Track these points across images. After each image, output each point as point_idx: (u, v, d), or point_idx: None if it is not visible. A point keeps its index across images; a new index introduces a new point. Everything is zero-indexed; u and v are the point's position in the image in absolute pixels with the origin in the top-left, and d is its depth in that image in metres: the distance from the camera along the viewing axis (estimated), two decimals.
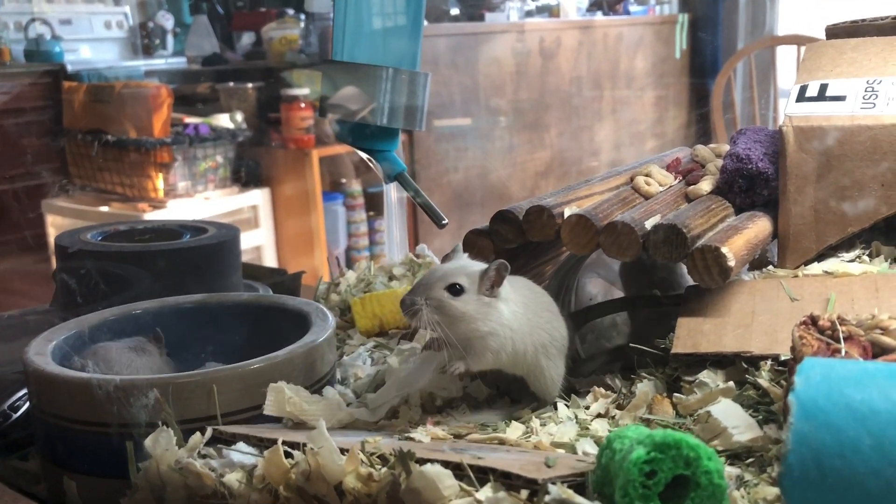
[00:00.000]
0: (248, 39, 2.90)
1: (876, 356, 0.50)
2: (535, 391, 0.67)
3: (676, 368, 0.62)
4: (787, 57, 2.90)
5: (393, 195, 1.12)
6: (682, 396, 0.60)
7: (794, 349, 0.52)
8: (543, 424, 0.62)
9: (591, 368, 0.75)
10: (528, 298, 0.65)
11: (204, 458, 0.60)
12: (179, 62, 2.97)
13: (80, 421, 0.64)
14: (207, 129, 2.46)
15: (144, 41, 3.06)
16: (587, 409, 0.64)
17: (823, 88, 0.69)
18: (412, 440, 0.59)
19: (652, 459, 0.42)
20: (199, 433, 0.63)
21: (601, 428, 0.60)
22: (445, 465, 0.48)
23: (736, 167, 0.70)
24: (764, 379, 0.57)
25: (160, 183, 2.34)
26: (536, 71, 2.97)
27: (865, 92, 0.67)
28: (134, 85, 2.42)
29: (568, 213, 0.68)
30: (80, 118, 2.38)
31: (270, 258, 2.57)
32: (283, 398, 0.64)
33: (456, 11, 2.95)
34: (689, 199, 0.73)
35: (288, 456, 0.55)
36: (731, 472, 0.50)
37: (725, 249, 0.61)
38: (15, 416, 0.78)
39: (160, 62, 2.95)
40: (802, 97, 0.70)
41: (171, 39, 3.07)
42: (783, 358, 0.58)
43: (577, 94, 3.20)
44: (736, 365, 0.60)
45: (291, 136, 2.53)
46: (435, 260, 1.10)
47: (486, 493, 0.46)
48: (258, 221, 2.58)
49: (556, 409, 0.65)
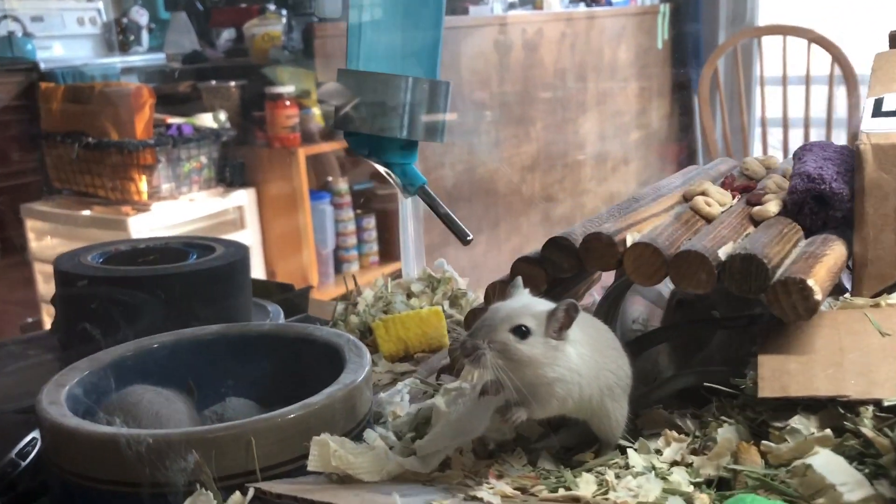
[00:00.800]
0: (228, 36, 2.82)
1: None
2: (599, 435, 0.62)
3: (761, 412, 0.58)
4: (770, 47, 2.88)
5: (409, 208, 1.06)
6: (771, 444, 0.55)
7: None
8: (618, 477, 0.57)
9: (647, 401, 0.71)
10: (593, 338, 0.60)
11: None
12: (156, 59, 2.89)
13: (104, 480, 0.58)
14: (191, 129, 2.39)
15: (119, 38, 2.97)
16: (658, 453, 0.60)
17: None
18: (478, 500, 0.54)
19: None
20: (238, 493, 0.57)
21: (682, 480, 0.55)
22: None
23: (807, 187, 0.66)
24: (867, 427, 0.52)
25: (143, 185, 2.27)
26: (520, 64, 2.93)
27: None
28: (114, 85, 2.35)
29: (630, 240, 0.63)
30: (58, 120, 2.30)
31: (257, 259, 2.51)
32: (327, 452, 0.58)
33: None
34: (754, 221, 0.68)
35: None
36: None
37: (812, 282, 0.57)
38: (24, 463, 0.72)
39: (136, 59, 2.87)
40: (879, 112, 0.65)
41: (146, 36, 2.98)
42: (887, 403, 0.53)
43: (561, 86, 3.16)
44: (829, 409, 0.55)
45: (277, 134, 2.46)
46: (454, 275, 1.05)
47: None
48: (244, 222, 2.52)
49: (622, 452, 0.61)
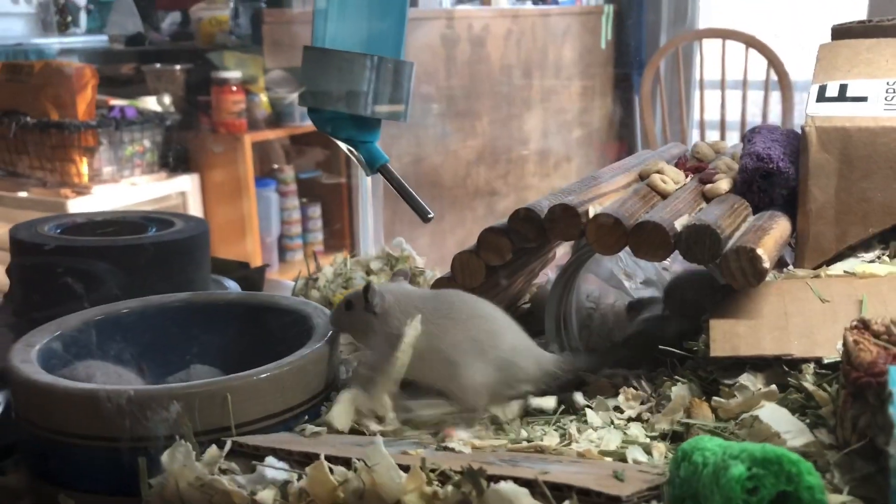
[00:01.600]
0: (173, 19, 2.79)
1: None
2: (453, 398, 0.65)
3: (712, 371, 0.62)
4: (710, 50, 2.98)
5: (369, 188, 1.08)
6: (721, 400, 0.59)
7: (847, 353, 0.52)
8: (579, 431, 0.60)
9: (598, 364, 0.74)
10: (430, 312, 0.66)
11: (225, 473, 0.56)
12: (95, 40, 2.84)
13: (81, 435, 0.59)
14: (134, 112, 2.36)
15: (56, 18, 2.91)
16: (618, 411, 0.63)
17: (843, 89, 0.70)
18: (450, 449, 0.57)
19: (753, 476, 0.41)
20: (215, 446, 0.59)
21: (640, 433, 0.59)
22: (516, 481, 0.46)
23: (756, 166, 0.70)
24: (808, 382, 0.57)
25: (84, 168, 2.23)
26: (467, 58, 2.97)
27: (887, 93, 0.68)
28: (56, 64, 2.30)
29: (593, 211, 0.67)
30: None
31: None
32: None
33: None
34: (706, 197, 0.73)
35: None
36: None
37: (760, 251, 0.61)
38: None
39: (74, 40, 2.81)
40: (823, 97, 0.70)
41: (84, 16, 2.93)
42: (826, 360, 0.58)
43: (506, 82, 3.21)
44: (774, 368, 0.60)
45: (222, 120, 2.45)
46: (413, 253, 1.07)
47: None
48: (187, 208, 2.50)
49: (583, 411, 0.64)
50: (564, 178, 3.43)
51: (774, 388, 0.58)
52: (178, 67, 2.56)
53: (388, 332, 0.66)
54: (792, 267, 0.70)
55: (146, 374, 0.74)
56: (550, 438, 0.59)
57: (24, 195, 2.26)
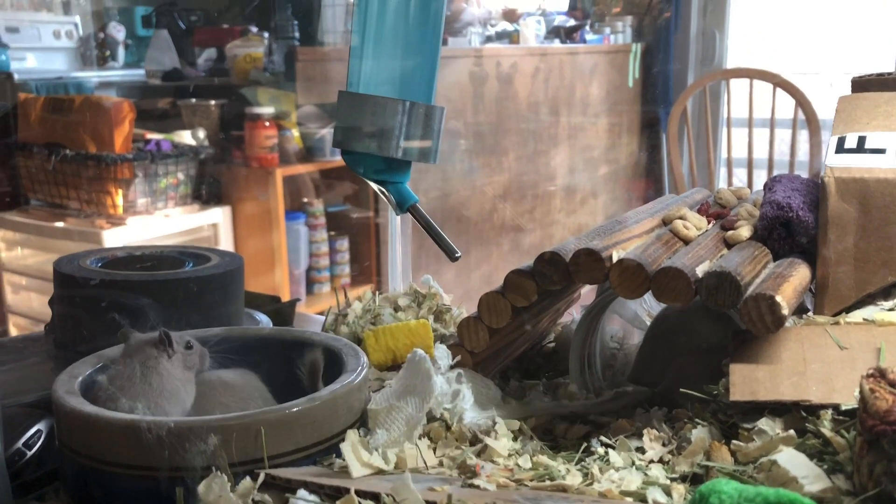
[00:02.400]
0: (209, 55, 2.86)
1: None
2: None
3: (731, 415, 0.63)
4: (737, 89, 3.00)
5: (398, 226, 1.11)
6: (740, 444, 0.60)
7: (863, 401, 0.54)
8: (601, 471, 0.62)
9: (615, 406, 0.76)
10: None
11: None
12: (132, 75, 2.92)
13: (121, 464, 0.62)
14: (169, 145, 2.42)
15: (96, 52, 3.00)
16: (639, 451, 0.65)
17: (862, 141, 0.72)
18: (475, 486, 0.59)
19: None
20: (249, 478, 0.61)
21: (660, 475, 0.61)
22: None
23: (776, 214, 0.72)
24: (826, 428, 0.58)
25: (119, 199, 2.29)
26: (495, 95, 3.01)
27: None
28: (95, 98, 2.37)
29: (616, 256, 0.69)
30: (36, 130, 2.31)
31: None
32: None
33: None
34: (727, 244, 0.74)
35: None
36: None
37: (780, 298, 0.63)
38: (29, 453, 0.75)
39: (112, 74, 2.89)
40: (841, 149, 0.72)
41: (122, 51, 3.01)
42: (844, 407, 0.59)
43: (533, 118, 3.24)
44: (792, 413, 0.61)
45: (254, 154, 2.50)
46: (440, 290, 1.10)
47: None
48: (218, 240, 2.55)
49: (606, 452, 0.66)
50: (591, 214, 3.45)
51: (793, 433, 0.59)
52: (212, 102, 2.62)
53: None
54: (811, 314, 0.72)
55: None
56: (573, 478, 0.61)
57: (60, 225, 2.32)
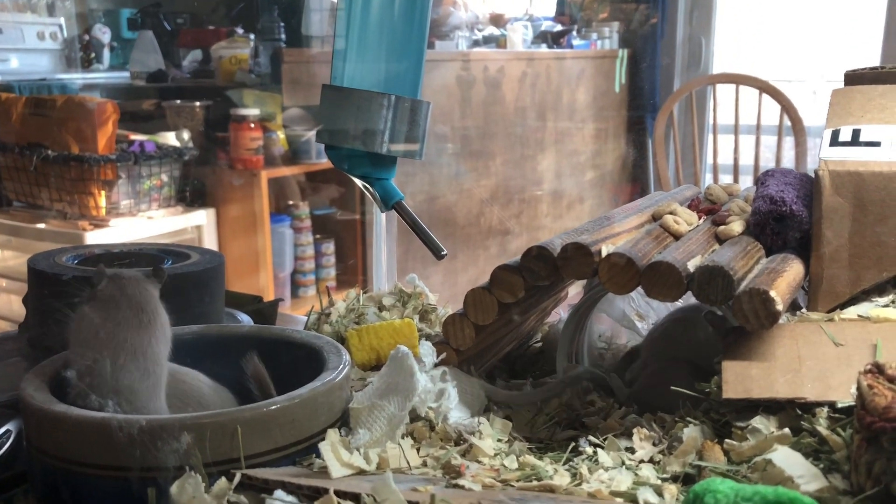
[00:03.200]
0: (194, 57, 2.84)
1: None
2: None
3: (724, 413, 0.61)
4: (723, 94, 3.00)
5: (383, 225, 1.09)
6: (734, 443, 0.59)
7: (861, 398, 0.52)
8: (590, 471, 0.60)
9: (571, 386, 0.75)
10: None
11: None
12: (118, 77, 2.89)
13: (92, 465, 0.60)
14: (153, 146, 2.39)
15: (80, 54, 2.97)
16: (629, 451, 0.63)
17: (856, 134, 0.70)
18: (460, 487, 0.57)
19: None
20: (224, 478, 0.59)
21: (651, 475, 0.59)
22: None
23: (770, 209, 0.70)
24: (822, 426, 0.56)
25: (102, 201, 2.26)
26: (482, 100, 3.00)
27: None
28: (78, 98, 2.34)
29: (606, 251, 0.67)
30: (17, 131, 2.28)
31: None
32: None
33: None
34: (719, 239, 0.73)
35: None
36: None
37: (773, 293, 0.61)
38: None
39: (97, 76, 2.86)
40: (836, 142, 0.70)
41: (107, 53, 2.99)
42: (840, 405, 0.57)
43: (520, 123, 3.23)
44: (787, 411, 0.59)
45: (239, 156, 2.48)
46: (425, 290, 1.08)
47: None
48: (202, 242, 2.52)
49: (595, 452, 0.64)
50: (577, 218, 3.44)
51: (787, 431, 0.57)
52: (197, 104, 2.59)
53: None
54: (805, 310, 0.70)
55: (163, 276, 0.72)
56: (561, 478, 0.59)
57: (42, 227, 2.29)
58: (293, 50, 2.63)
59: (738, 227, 0.73)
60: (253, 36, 2.71)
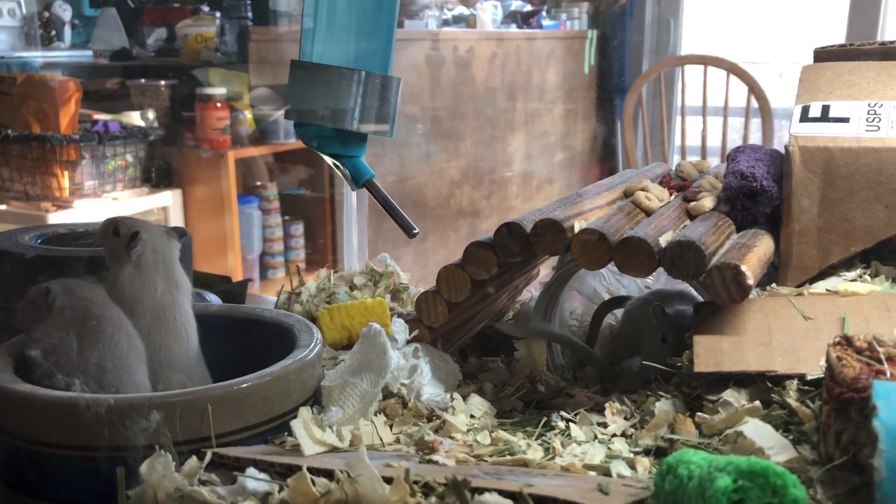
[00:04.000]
0: (159, 35, 2.79)
1: None
2: None
3: (696, 387, 0.62)
4: (692, 76, 3.01)
5: (353, 204, 1.08)
6: (705, 416, 0.59)
7: (830, 369, 0.52)
8: (563, 445, 0.60)
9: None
10: None
11: (205, 484, 0.56)
12: (79, 55, 2.83)
13: (59, 445, 0.58)
14: (118, 126, 2.35)
15: (40, 32, 2.90)
16: (601, 426, 0.63)
17: (826, 110, 0.71)
18: (434, 462, 0.57)
19: (739, 488, 0.41)
20: (195, 457, 0.58)
21: (623, 448, 0.59)
22: (501, 493, 0.45)
23: (740, 185, 0.71)
24: (792, 399, 0.57)
25: (66, 181, 2.22)
26: (452, 80, 2.98)
27: (868, 115, 0.69)
28: (39, 77, 2.29)
29: (578, 227, 0.67)
30: None
31: None
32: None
33: None
34: (690, 215, 0.73)
35: None
36: None
37: (745, 268, 0.61)
38: None
39: (58, 54, 2.80)
40: (806, 117, 0.71)
41: (68, 31, 2.92)
42: (809, 377, 0.58)
43: (490, 104, 3.22)
44: (758, 384, 0.60)
45: (206, 136, 2.44)
46: (397, 269, 1.07)
47: None
48: (168, 224, 2.49)
49: (567, 426, 0.64)
50: (547, 200, 3.43)
51: (758, 404, 0.58)
52: (162, 83, 2.55)
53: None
54: (775, 285, 0.71)
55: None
56: (534, 452, 0.59)
57: (3, 208, 2.24)
58: (260, 28, 2.60)
59: (709, 202, 0.73)
60: (219, 14, 2.66)
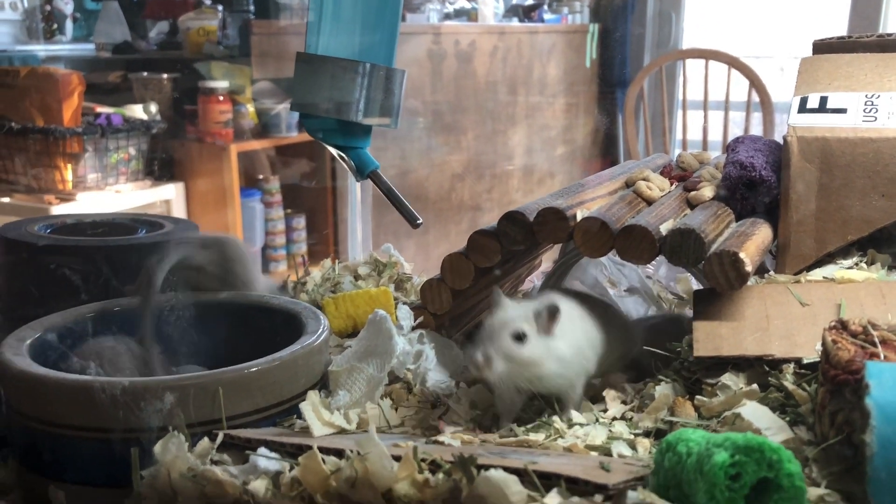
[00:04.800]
0: (161, 28, 2.80)
1: None
2: (563, 398, 0.66)
3: (695, 371, 0.63)
4: (693, 69, 3.02)
5: (358, 194, 1.09)
6: (704, 399, 0.61)
7: (826, 352, 0.54)
8: (566, 428, 0.61)
9: None
10: (576, 323, 0.66)
11: (217, 464, 0.57)
12: (82, 48, 2.84)
13: (74, 426, 0.60)
14: (120, 119, 2.35)
15: (42, 25, 2.91)
16: (603, 411, 0.65)
17: (824, 101, 0.72)
18: (440, 443, 0.58)
19: (736, 462, 0.42)
20: (207, 438, 0.59)
21: (624, 430, 0.61)
22: (506, 470, 0.47)
23: (740, 174, 0.72)
24: (788, 382, 0.58)
25: (69, 174, 2.23)
26: (453, 74, 2.99)
27: (865, 106, 0.70)
28: (42, 70, 2.29)
29: (580, 215, 0.68)
30: None
31: None
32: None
33: None
34: (690, 204, 0.74)
35: None
36: None
37: (743, 255, 0.63)
38: None
39: (60, 48, 2.81)
40: (804, 108, 0.72)
41: (70, 24, 2.93)
42: (805, 361, 0.59)
43: (492, 98, 3.23)
44: (755, 368, 0.61)
45: (208, 129, 2.45)
46: (401, 259, 1.08)
47: (554, 499, 0.45)
48: (170, 216, 2.50)
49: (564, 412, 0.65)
50: (548, 193, 3.45)
51: (756, 387, 0.59)
52: (165, 76, 2.56)
53: (556, 357, 0.64)
54: (773, 273, 0.72)
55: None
56: (537, 434, 0.60)
57: (6, 200, 2.25)
58: (262, 21, 2.60)
59: (708, 192, 0.75)
60: (221, 7, 2.67)
